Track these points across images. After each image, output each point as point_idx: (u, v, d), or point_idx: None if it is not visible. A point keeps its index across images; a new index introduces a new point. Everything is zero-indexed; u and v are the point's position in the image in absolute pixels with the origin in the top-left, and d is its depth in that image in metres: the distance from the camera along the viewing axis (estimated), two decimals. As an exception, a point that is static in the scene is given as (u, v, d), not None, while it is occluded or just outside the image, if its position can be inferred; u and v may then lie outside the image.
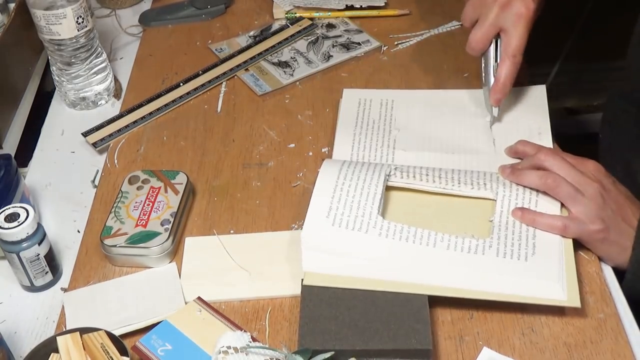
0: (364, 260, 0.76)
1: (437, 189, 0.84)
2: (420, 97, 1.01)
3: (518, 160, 0.88)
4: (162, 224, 0.83)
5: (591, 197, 0.78)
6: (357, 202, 0.80)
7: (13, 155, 0.96)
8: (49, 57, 1.05)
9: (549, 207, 0.80)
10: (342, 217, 0.79)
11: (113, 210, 0.86)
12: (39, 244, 0.79)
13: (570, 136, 1.01)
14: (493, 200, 0.82)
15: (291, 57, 1.12)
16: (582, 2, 1.77)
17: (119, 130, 1.01)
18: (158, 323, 0.75)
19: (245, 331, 0.72)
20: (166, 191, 0.87)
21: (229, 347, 0.69)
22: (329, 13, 1.20)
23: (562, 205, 0.80)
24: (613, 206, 0.78)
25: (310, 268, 0.76)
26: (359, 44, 1.13)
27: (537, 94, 0.99)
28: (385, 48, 1.13)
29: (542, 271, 0.75)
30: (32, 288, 0.82)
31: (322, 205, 0.80)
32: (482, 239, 0.77)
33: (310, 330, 0.71)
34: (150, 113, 1.04)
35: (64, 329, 0.75)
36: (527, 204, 0.81)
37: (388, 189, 0.84)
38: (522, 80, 0.98)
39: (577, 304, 0.73)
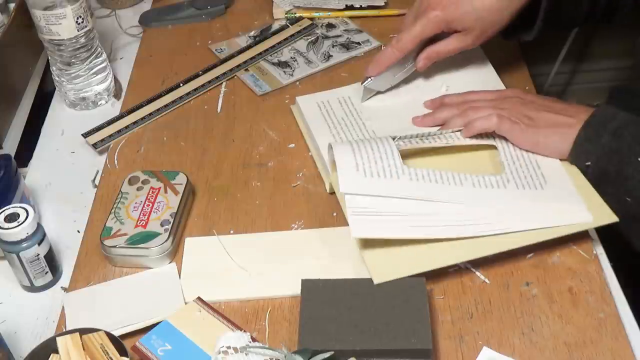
0: (404, 215, 0.78)
1: (442, 144, 0.87)
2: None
3: None
4: (162, 225, 0.83)
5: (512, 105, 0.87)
6: (379, 157, 0.82)
7: (13, 155, 0.96)
8: (49, 57, 1.05)
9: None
10: (372, 168, 0.80)
11: (113, 210, 0.86)
12: (39, 244, 0.79)
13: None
14: (493, 146, 0.87)
15: (291, 57, 1.12)
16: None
17: (119, 131, 1.01)
18: (158, 323, 0.75)
19: (245, 331, 0.72)
20: (166, 192, 0.87)
21: (228, 347, 0.70)
22: (329, 13, 1.20)
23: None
24: (534, 101, 0.88)
25: (359, 233, 0.77)
26: (359, 43, 1.13)
27: (473, 54, 1.01)
28: (385, 48, 1.13)
29: (561, 195, 0.80)
30: (32, 288, 0.82)
31: (349, 162, 0.81)
32: (499, 175, 0.82)
33: (310, 330, 0.71)
34: (150, 114, 1.04)
35: (64, 330, 0.75)
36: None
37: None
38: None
39: (611, 218, 0.78)
